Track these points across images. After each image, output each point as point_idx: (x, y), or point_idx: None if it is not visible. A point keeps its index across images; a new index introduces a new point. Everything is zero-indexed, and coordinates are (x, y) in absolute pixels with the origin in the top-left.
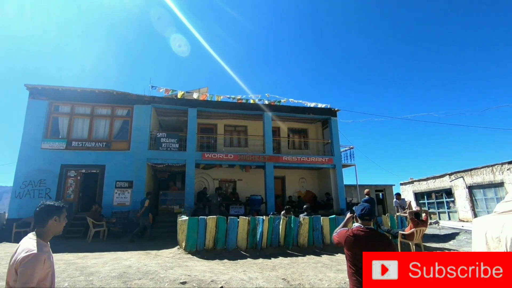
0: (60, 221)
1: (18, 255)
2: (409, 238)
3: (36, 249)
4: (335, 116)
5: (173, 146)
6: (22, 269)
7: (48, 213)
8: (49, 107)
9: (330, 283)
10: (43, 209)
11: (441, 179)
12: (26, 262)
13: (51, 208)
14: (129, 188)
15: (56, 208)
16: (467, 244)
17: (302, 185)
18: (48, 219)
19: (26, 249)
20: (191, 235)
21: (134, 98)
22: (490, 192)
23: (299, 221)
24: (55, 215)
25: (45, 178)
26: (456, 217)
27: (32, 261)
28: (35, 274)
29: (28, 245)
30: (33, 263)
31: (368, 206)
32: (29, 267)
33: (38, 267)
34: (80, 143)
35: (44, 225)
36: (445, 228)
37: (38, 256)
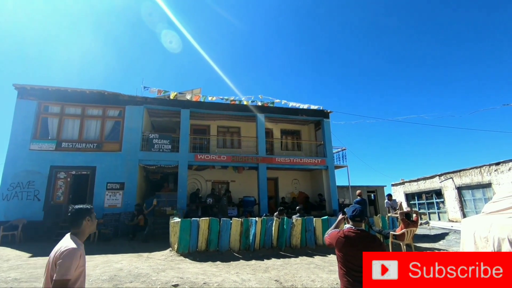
0: (92, 221)
1: (58, 251)
2: (400, 238)
3: (74, 245)
4: (327, 117)
5: (165, 147)
6: (60, 262)
7: (81, 215)
8: (38, 107)
9: (323, 284)
10: (75, 212)
11: (431, 180)
12: (65, 255)
13: (82, 210)
14: (120, 190)
15: (86, 209)
16: (456, 244)
17: (295, 186)
18: (82, 220)
19: (65, 245)
20: (184, 237)
21: (126, 98)
22: (479, 192)
23: (292, 222)
24: (87, 215)
25: (34, 180)
26: (445, 218)
27: (70, 255)
28: (72, 267)
29: (66, 242)
30: (71, 257)
31: (359, 208)
32: (67, 260)
33: (75, 260)
34: (70, 144)
35: (79, 226)
36: (435, 228)
37: (76, 250)
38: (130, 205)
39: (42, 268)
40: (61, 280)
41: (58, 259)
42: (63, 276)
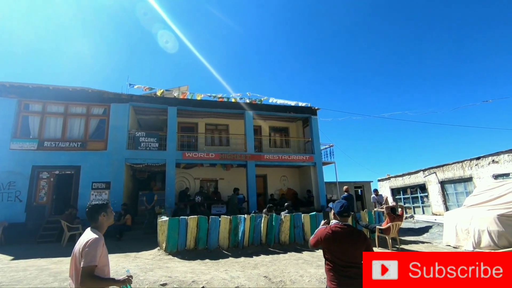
0: (108, 215)
1: (82, 242)
2: (386, 232)
3: (97, 236)
4: (315, 114)
5: (152, 145)
6: (86, 250)
7: (97, 211)
8: (18, 105)
9: (311, 278)
10: (91, 208)
11: (416, 175)
12: (89, 244)
13: (97, 207)
14: (106, 189)
15: (101, 205)
16: (439, 236)
17: (284, 183)
18: (98, 216)
19: (88, 236)
20: (172, 235)
21: (111, 96)
22: (460, 186)
23: (280, 219)
24: (103, 211)
25: (15, 180)
26: (429, 211)
27: (94, 243)
28: (97, 254)
29: (89, 235)
30: (95, 245)
31: (345, 203)
32: (92, 248)
33: (99, 248)
34: (53, 143)
35: (96, 221)
36: (420, 222)
37: (99, 240)
38: (116, 204)
39: (24, 271)
40: (88, 266)
41: (83, 249)
42: (89, 263)
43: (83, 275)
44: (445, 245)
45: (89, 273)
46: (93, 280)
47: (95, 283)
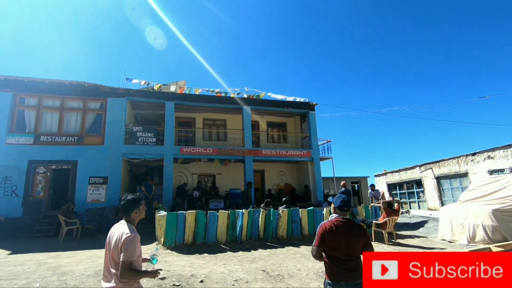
0: (139, 212)
1: (121, 237)
2: (382, 227)
3: (135, 232)
4: (313, 110)
5: (150, 140)
6: (125, 246)
7: (130, 207)
8: (13, 99)
9: (308, 272)
10: (125, 204)
11: (412, 171)
12: (129, 241)
13: (130, 202)
14: (103, 184)
15: (134, 202)
16: (435, 231)
17: (281, 178)
18: (130, 212)
19: (126, 232)
20: (170, 230)
21: (108, 90)
22: (456, 182)
23: (278, 214)
24: (135, 208)
25: (11, 175)
26: (425, 206)
27: (133, 241)
28: (136, 250)
29: (126, 229)
30: (134, 242)
31: (346, 198)
32: (131, 245)
33: (137, 244)
34: (50, 137)
35: (129, 216)
36: (415, 217)
37: (137, 237)
38: (114, 199)
39: (22, 266)
40: (128, 261)
41: (123, 244)
42: (129, 258)
43: (123, 268)
44: (441, 239)
45: (128, 267)
46: (132, 273)
47: (133, 276)
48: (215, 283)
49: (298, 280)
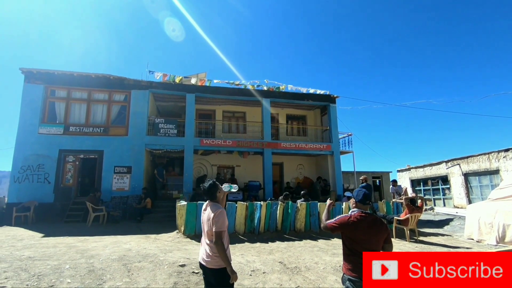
0: (221, 191)
1: (211, 213)
2: (404, 223)
3: (221, 208)
4: (334, 102)
5: (171, 132)
6: (216, 219)
7: (213, 190)
8: (45, 91)
9: (326, 266)
10: (208, 190)
11: (438, 166)
12: (219, 215)
13: (211, 187)
14: (127, 174)
15: (214, 185)
16: (461, 229)
17: (300, 171)
18: (215, 193)
19: (216, 208)
20: (190, 219)
21: (131, 83)
22: (485, 179)
23: (296, 207)
24: (217, 189)
25: (43, 163)
26: (451, 204)
27: (222, 214)
28: (225, 222)
29: (215, 207)
30: (223, 215)
31: (366, 192)
32: (221, 218)
33: (225, 218)
34: (78, 128)
35: (215, 197)
36: (440, 214)
37: (224, 211)
38: (137, 188)
39: (54, 248)
40: (220, 231)
41: (214, 217)
42: (220, 228)
43: (217, 237)
44: (467, 238)
45: (220, 236)
46: (222, 244)
47: (222, 249)
48: None
49: (315, 273)
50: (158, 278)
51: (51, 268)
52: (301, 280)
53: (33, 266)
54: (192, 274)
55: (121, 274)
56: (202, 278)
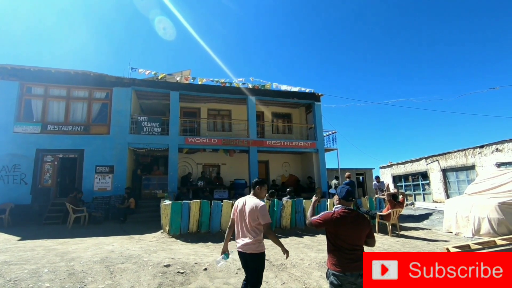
0: (261, 189)
1: (255, 206)
2: (386, 218)
3: (263, 202)
4: (318, 100)
5: (155, 130)
6: (263, 213)
7: (254, 185)
8: (20, 88)
9: (311, 262)
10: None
11: (418, 163)
12: (262, 208)
13: (255, 182)
14: (110, 173)
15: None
16: (439, 223)
17: (286, 169)
18: (255, 188)
19: (259, 202)
20: (175, 219)
21: (113, 80)
22: (462, 174)
23: (282, 204)
24: (258, 185)
25: (20, 163)
26: (430, 199)
27: (264, 207)
28: (268, 214)
29: (257, 201)
30: (266, 208)
31: (350, 189)
32: (265, 210)
33: (267, 211)
34: (56, 126)
35: (255, 191)
36: (420, 209)
37: (265, 205)
38: (120, 188)
39: (31, 251)
40: (267, 222)
41: (259, 211)
42: (268, 220)
43: (266, 228)
44: (445, 231)
45: (269, 226)
46: (272, 232)
47: (273, 234)
48: (219, 271)
49: (301, 270)
50: (142, 279)
51: (28, 272)
52: (287, 277)
53: (9, 271)
54: (177, 274)
55: (104, 277)
56: (187, 278)
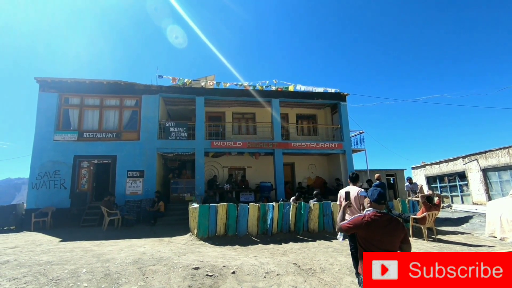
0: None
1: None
2: (421, 222)
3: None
4: (344, 100)
5: (182, 135)
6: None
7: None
8: (59, 99)
9: (341, 267)
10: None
11: (454, 162)
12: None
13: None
14: (140, 178)
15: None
16: (481, 227)
17: (312, 171)
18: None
19: (359, 189)
20: (203, 222)
21: (142, 88)
22: (506, 174)
23: (309, 207)
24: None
25: (59, 169)
26: (469, 200)
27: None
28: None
29: (358, 188)
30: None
31: (381, 191)
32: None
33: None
34: (91, 134)
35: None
36: (458, 212)
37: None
38: (150, 192)
39: (71, 252)
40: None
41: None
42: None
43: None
44: (488, 236)
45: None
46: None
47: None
48: (247, 275)
49: (331, 275)
50: (173, 281)
51: (68, 272)
52: (316, 281)
53: (51, 271)
54: (206, 277)
55: (136, 278)
56: (215, 281)
